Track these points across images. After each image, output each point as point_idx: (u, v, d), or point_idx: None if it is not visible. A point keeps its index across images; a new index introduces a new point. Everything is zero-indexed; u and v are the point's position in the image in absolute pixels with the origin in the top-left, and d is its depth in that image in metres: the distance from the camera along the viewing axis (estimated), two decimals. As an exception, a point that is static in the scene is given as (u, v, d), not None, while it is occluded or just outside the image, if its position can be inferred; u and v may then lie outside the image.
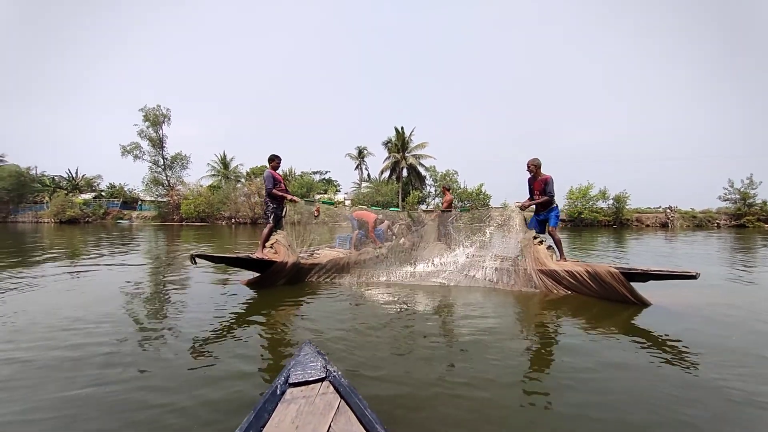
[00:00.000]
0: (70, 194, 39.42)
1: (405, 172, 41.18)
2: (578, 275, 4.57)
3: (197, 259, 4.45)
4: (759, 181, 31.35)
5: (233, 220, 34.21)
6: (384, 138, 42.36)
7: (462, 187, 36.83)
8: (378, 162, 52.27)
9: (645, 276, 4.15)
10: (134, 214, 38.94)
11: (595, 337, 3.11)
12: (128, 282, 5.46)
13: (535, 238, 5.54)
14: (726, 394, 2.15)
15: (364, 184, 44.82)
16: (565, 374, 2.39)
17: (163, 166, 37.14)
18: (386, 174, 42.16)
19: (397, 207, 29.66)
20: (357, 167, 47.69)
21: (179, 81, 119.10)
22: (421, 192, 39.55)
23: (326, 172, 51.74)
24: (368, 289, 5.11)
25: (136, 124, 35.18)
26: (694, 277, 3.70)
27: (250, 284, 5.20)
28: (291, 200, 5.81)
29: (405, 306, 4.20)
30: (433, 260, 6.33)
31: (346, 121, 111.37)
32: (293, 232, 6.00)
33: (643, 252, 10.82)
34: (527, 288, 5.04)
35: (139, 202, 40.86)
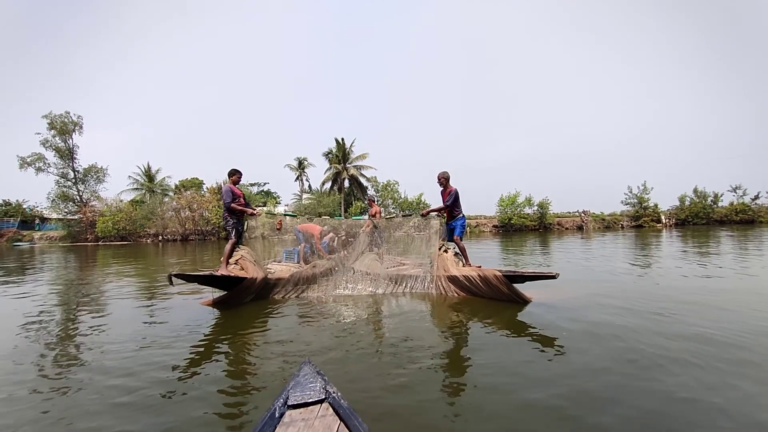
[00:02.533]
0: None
1: (347, 183, 41.33)
2: (473, 279, 5.04)
3: (174, 279, 4.33)
4: (651, 187, 36.87)
5: (161, 237, 31.48)
6: (325, 149, 42.29)
7: (403, 197, 37.93)
8: (319, 173, 51.66)
9: (522, 278, 4.72)
10: (36, 234, 34.09)
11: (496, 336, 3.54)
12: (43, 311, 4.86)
13: (441, 247, 5.99)
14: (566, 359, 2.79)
15: (305, 196, 44.02)
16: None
17: (74, 180, 33.11)
18: (328, 185, 41.94)
19: (360, 216, 29.61)
20: (297, 178, 46.78)
21: (99, 88, 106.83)
22: (363, 202, 39.94)
23: (265, 183, 49.71)
24: (326, 303, 5.12)
25: (38, 133, 31.10)
26: (554, 277, 4.33)
27: (215, 303, 4.97)
28: (251, 214, 5.71)
29: (360, 320, 4.22)
30: (367, 271, 6.42)
31: (285, 132, 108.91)
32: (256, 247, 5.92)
33: (561, 255, 12.07)
34: (440, 292, 5.43)
35: (37, 221, 35.81)
